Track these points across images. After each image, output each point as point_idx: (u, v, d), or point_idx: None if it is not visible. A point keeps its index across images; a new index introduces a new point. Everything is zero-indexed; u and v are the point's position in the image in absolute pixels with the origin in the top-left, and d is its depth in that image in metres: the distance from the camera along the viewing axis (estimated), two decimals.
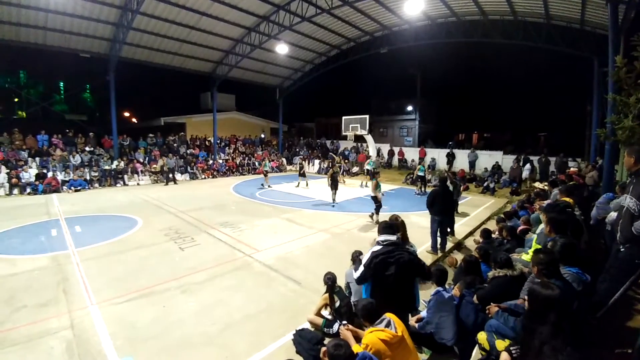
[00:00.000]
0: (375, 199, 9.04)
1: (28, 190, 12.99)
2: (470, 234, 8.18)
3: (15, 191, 12.81)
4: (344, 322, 3.69)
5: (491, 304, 3.29)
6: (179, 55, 18.02)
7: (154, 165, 16.92)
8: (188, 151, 19.96)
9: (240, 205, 11.26)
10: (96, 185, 14.75)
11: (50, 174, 14.02)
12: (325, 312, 4.07)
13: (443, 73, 27.55)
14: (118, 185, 15.25)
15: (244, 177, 19.06)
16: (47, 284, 5.19)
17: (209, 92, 22.18)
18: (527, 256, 4.15)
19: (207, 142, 21.89)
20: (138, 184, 15.76)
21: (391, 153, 22.84)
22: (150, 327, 4.09)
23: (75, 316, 4.29)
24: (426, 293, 4.42)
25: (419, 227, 8.25)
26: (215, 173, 18.87)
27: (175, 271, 5.68)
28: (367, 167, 13.55)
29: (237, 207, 11.04)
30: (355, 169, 20.86)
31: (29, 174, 13.61)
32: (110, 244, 7.10)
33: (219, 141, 22.00)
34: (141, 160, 17.39)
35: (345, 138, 20.29)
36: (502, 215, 7.67)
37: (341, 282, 4.29)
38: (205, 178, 18.19)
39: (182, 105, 26.05)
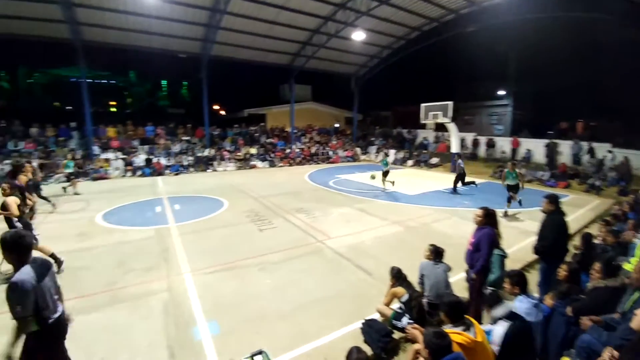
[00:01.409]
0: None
1: (138, 172, 15.63)
2: (569, 238, 6.88)
3: (129, 173, 15.54)
4: (410, 321, 3.52)
5: (586, 317, 2.83)
6: (260, 50, 19.22)
7: (238, 153, 18.63)
8: (267, 140, 21.38)
9: (314, 193, 11.60)
10: (191, 169, 16.95)
11: (155, 160, 16.61)
12: (395, 305, 3.92)
13: (542, 52, 23.40)
14: (208, 170, 17.24)
15: (318, 166, 19.58)
16: (151, 252, 6.16)
17: (287, 83, 23.23)
18: (629, 265, 3.65)
19: (284, 132, 23.10)
20: (225, 170, 17.56)
21: (476, 143, 20.67)
22: (232, 297, 4.52)
23: (172, 281, 5.00)
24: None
25: (507, 226, 7.31)
26: (291, 161, 19.82)
27: (255, 250, 6.15)
28: (382, 166, 12.52)
29: (311, 194, 11.40)
30: (434, 160, 19.53)
31: (140, 159, 16.35)
32: (202, 221, 8.08)
33: (295, 131, 22.98)
34: (228, 148, 19.29)
35: (424, 127, 19.10)
36: (608, 218, 6.33)
37: (413, 276, 4.05)
38: (282, 166, 19.27)
39: (263, 97, 27.89)
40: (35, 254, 2.55)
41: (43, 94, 31.02)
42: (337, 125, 27.47)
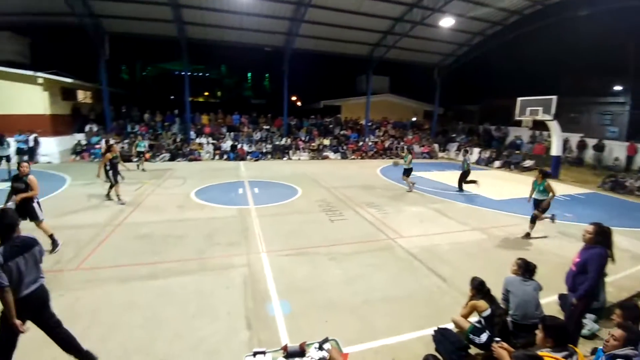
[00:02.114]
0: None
1: (225, 156, 17.30)
2: None
3: (217, 157, 17.32)
4: (497, 338, 3.19)
5: None
6: (340, 41, 19.28)
7: (312, 144, 19.23)
8: (341, 132, 21.56)
9: (386, 189, 11.36)
10: (269, 157, 18.13)
11: (239, 146, 18.17)
12: (473, 318, 3.61)
13: None
14: (284, 158, 18.22)
15: (391, 161, 19.00)
16: (234, 229, 6.81)
17: (365, 75, 22.92)
18: None
19: (358, 125, 22.96)
20: (299, 159, 18.35)
21: (582, 145, 17.55)
22: (303, 281, 4.74)
23: (251, 258, 5.46)
24: None
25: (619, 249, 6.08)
26: (363, 154, 19.68)
27: (326, 239, 6.33)
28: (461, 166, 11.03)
29: (383, 189, 11.18)
30: (527, 163, 17.25)
31: (226, 144, 18.08)
32: (278, 206, 8.62)
33: (370, 123, 22.66)
34: (303, 138, 20.06)
35: (517, 124, 16.93)
36: None
37: (495, 290, 3.67)
38: (354, 159, 19.27)
39: (339, 88, 28.04)
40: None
41: (154, 85, 36.15)
42: (414, 118, 26.18)
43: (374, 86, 22.66)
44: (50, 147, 14.82)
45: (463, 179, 11.04)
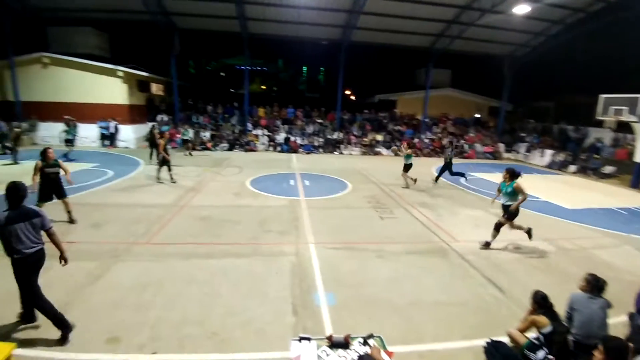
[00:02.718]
0: None
1: (278, 148, 17.94)
2: None
3: (271, 148, 18.03)
4: (551, 357, 2.92)
5: None
6: (400, 32, 18.63)
7: (365, 139, 19.03)
8: (395, 128, 20.97)
9: (441, 189, 10.84)
10: (320, 150, 18.37)
11: (292, 138, 18.69)
12: (530, 334, 3.34)
13: None
14: (335, 152, 18.33)
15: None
16: (285, 218, 7.09)
17: (424, 68, 21.90)
18: None
19: (414, 120, 22.11)
20: (350, 154, 18.31)
21: None
22: (349, 276, 4.79)
23: (300, 248, 5.65)
24: None
25: None
26: (418, 152, 18.95)
27: (374, 236, 6.29)
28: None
29: (438, 189, 10.69)
30: (608, 169, 15.08)
31: (280, 136, 18.72)
32: (327, 199, 8.76)
33: (427, 119, 21.68)
34: (355, 133, 19.95)
35: (599, 124, 14.86)
36: None
37: (558, 307, 3.35)
38: None
39: (396, 82, 27.20)
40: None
41: (217, 78, 38.67)
42: (478, 115, 24.38)
43: (434, 80, 21.55)
44: (128, 134, 16.78)
45: (445, 170, 11.15)
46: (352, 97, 35.90)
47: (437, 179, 11.51)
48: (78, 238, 5.63)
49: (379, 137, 19.79)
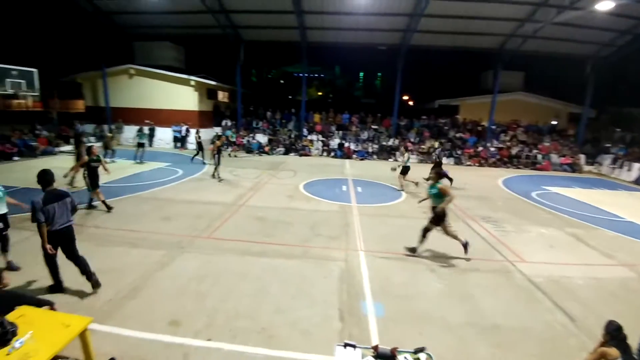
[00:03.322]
0: None
1: (332, 154, 18.15)
2: None
3: (325, 153, 18.30)
4: None
5: None
6: (465, 34, 17.65)
7: (422, 146, 18.32)
8: (457, 135, 19.82)
9: (508, 203, 9.95)
10: (374, 157, 18.15)
11: (346, 144, 18.76)
12: None
13: None
14: (390, 159, 17.94)
15: (519, 171, 16.50)
16: (336, 224, 7.14)
17: (492, 70, 20.40)
18: None
19: (479, 127, 20.66)
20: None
21: None
22: (400, 288, 4.65)
23: (349, 254, 5.65)
24: None
25: None
26: (482, 161, 17.66)
27: (428, 249, 6.00)
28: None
29: (504, 203, 9.84)
30: None
31: (334, 142, 18.92)
32: (380, 207, 8.62)
33: (494, 126, 20.12)
34: (412, 139, 19.33)
35: None
36: None
37: (634, 341, 2.89)
38: (470, 165, 17.50)
39: (458, 87, 25.78)
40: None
41: (276, 86, 40.70)
42: (554, 122, 21.88)
43: (503, 83, 19.91)
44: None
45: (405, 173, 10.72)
46: (410, 103, 34.94)
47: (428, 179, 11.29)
48: (150, 229, 6.35)
49: (438, 144, 18.88)
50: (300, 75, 20.38)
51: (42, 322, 2.79)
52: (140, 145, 13.39)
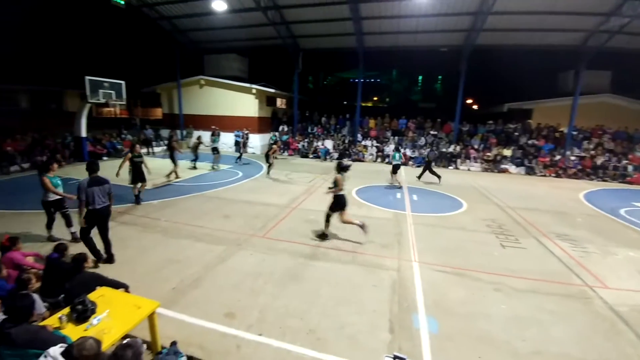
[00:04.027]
0: None
1: (387, 160, 17.78)
2: None
3: (379, 159, 17.99)
4: None
5: None
6: (538, 31, 16.06)
7: (488, 153, 17.01)
8: (529, 142, 18.02)
9: (591, 220, 8.74)
10: (433, 164, 17.31)
11: (402, 150, 18.21)
12: None
13: None
14: (450, 167, 16.99)
15: (604, 184, 14.43)
16: (388, 232, 6.96)
17: (572, 70, 18.22)
18: None
19: (556, 133, 18.54)
20: (469, 169, 16.66)
21: None
22: (457, 305, 4.34)
23: (402, 264, 5.45)
24: None
25: None
26: (560, 172, 15.80)
27: (491, 265, 5.55)
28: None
29: (585, 220, 8.67)
30: None
31: (389, 148, 18.49)
32: (437, 217, 8.19)
33: (575, 132, 17.89)
34: (476, 146, 18.07)
35: None
36: None
37: None
38: (545, 175, 15.77)
39: (532, 88, 23.46)
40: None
41: (331, 92, 41.31)
42: None
43: (587, 84, 17.64)
44: (255, 142, 19.54)
45: (426, 170, 12.33)
46: (475, 107, 32.80)
47: (420, 177, 12.94)
48: (213, 225, 6.87)
49: (507, 152, 17.35)
50: (356, 80, 20.42)
51: (118, 302, 3.18)
52: (215, 150, 13.90)
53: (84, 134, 13.93)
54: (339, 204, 6.22)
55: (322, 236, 6.43)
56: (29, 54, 16.97)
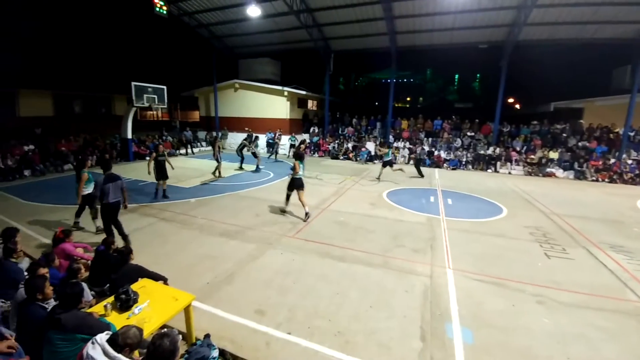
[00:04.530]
0: None
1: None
2: None
3: (411, 162, 17.55)
4: None
5: None
6: (590, 23, 14.86)
7: (531, 156, 16.01)
8: (580, 144, 16.72)
9: None
10: (469, 167, 16.63)
11: (436, 152, 17.65)
12: None
13: None
14: (489, 170, 16.19)
15: None
16: (420, 236, 6.76)
17: (630, 65, 16.65)
18: None
19: (611, 134, 17.03)
20: (509, 173, 15.77)
21: None
22: (494, 316, 4.13)
23: (435, 271, 5.27)
24: None
25: None
26: (614, 176, 14.50)
27: (534, 276, 5.21)
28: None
29: None
30: None
31: (424, 150, 17.97)
32: (474, 223, 7.82)
33: (632, 133, 16.34)
34: (518, 148, 17.08)
35: None
36: None
37: None
38: (597, 180, 14.55)
39: (582, 86, 21.77)
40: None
41: (363, 93, 41.03)
42: None
43: None
44: (286, 143, 19.86)
45: (386, 166, 12.42)
46: (517, 106, 31.09)
47: (420, 174, 13.67)
48: (245, 224, 7.08)
49: (554, 155, 16.21)
50: (388, 81, 20.09)
51: (157, 293, 3.38)
52: (255, 155, 13.97)
53: (129, 135, 14.96)
54: (294, 185, 7.57)
55: (283, 211, 7.90)
56: (83, 64, 18.53)
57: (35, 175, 11.79)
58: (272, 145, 19.19)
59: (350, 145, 19.55)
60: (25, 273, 3.82)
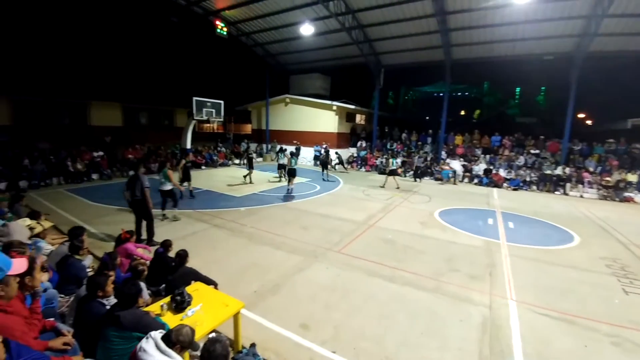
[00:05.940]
0: None
1: (475, 180, 16.28)
2: None
3: (466, 180, 16.57)
4: None
5: None
6: None
7: (607, 178, 14.25)
8: None
9: None
10: (533, 187, 15.25)
11: (495, 170, 16.50)
12: None
13: None
14: (557, 192, 14.69)
15: None
16: (477, 261, 6.27)
17: None
18: None
19: None
20: (581, 196, 14.16)
21: None
22: (564, 355, 3.66)
23: (495, 301, 4.82)
24: None
25: None
26: None
27: (611, 314, 4.54)
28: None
29: None
30: None
31: (479, 167, 16.92)
32: (540, 250, 7.08)
33: None
34: (591, 169, 15.34)
35: None
36: None
37: None
38: None
39: None
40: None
41: (413, 107, 40.22)
42: None
43: None
44: (334, 156, 20.02)
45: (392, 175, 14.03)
46: (588, 122, 28.17)
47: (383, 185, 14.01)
48: (292, 235, 7.17)
49: (632, 178, 14.27)
50: (441, 94, 19.43)
51: (209, 298, 3.51)
52: (282, 167, 13.96)
53: (189, 145, 16.18)
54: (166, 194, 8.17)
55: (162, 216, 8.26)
56: (150, 79, 20.60)
57: (103, 178, 13.19)
58: (318, 158, 19.47)
59: (399, 160, 19.08)
60: (88, 269, 4.19)
